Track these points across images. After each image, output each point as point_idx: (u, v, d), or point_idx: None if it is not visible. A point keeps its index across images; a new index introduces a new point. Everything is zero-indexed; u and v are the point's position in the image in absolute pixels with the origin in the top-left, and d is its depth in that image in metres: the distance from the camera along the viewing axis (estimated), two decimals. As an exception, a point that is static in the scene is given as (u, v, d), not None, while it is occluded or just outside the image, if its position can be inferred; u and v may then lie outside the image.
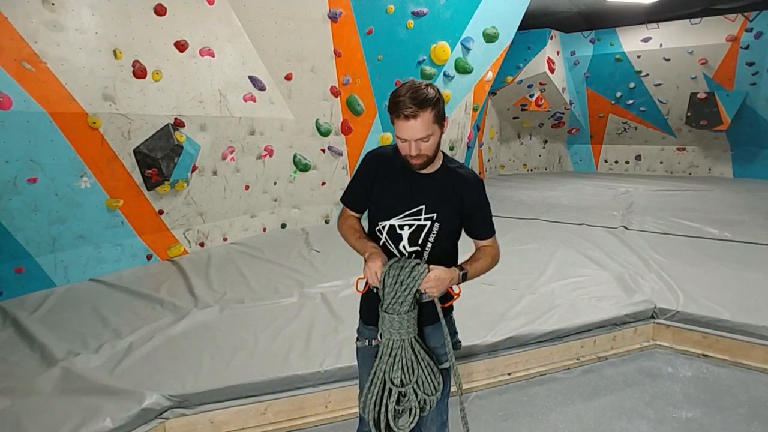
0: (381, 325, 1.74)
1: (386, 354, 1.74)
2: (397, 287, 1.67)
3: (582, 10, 10.24)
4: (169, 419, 2.53)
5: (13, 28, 3.69)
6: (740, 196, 8.54)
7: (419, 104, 1.58)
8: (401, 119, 1.60)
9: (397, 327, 1.70)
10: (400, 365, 1.74)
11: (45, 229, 4.07)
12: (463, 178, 1.78)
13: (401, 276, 1.66)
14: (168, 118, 4.76)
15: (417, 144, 1.64)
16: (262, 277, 4.43)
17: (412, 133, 1.61)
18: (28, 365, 2.86)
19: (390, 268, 1.67)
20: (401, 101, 1.59)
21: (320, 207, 6.65)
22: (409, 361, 1.74)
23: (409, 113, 1.58)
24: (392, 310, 1.70)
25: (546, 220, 6.78)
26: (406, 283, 1.66)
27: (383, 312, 1.72)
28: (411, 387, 1.75)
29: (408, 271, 1.66)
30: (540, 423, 2.77)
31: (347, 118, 6.45)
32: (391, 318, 1.70)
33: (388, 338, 1.73)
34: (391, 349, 1.73)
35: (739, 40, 9.92)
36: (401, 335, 1.71)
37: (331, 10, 5.96)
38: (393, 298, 1.68)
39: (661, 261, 4.74)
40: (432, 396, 1.77)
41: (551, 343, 3.35)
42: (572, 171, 13.28)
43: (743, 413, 2.83)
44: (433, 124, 1.63)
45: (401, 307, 1.69)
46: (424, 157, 1.68)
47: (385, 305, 1.71)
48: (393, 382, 1.74)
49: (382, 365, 1.75)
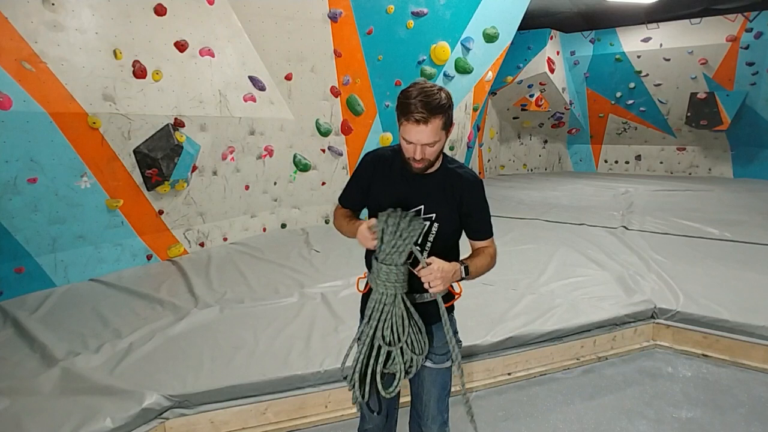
0: (375, 278, 1.69)
1: (377, 310, 1.69)
2: (397, 236, 1.62)
3: (582, 10, 10.23)
4: (169, 419, 2.54)
5: (13, 28, 3.69)
6: (740, 196, 8.54)
7: (432, 110, 1.55)
8: (411, 122, 1.58)
9: (393, 279, 1.65)
10: (391, 322, 1.69)
11: (45, 229, 4.07)
12: (462, 178, 1.77)
13: (401, 225, 1.62)
14: (168, 118, 4.76)
15: (422, 149, 1.63)
16: (262, 277, 4.43)
17: (420, 137, 1.60)
18: (29, 365, 2.87)
19: (389, 218, 1.63)
20: (413, 104, 1.56)
21: (320, 207, 6.66)
22: (399, 318, 1.69)
23: (420, 118, 1.55)
24: (390, 261, 1.65)
25: (546, 220, 6.78)
26: (406, 232, 1.61)
27: (379, 263, 1.67)
28: (401, 346, 1.70)
29: (407, 221, 1.62)
30: (540, 423, 2.77)
31: (347, 118, 6.45)
32: (389, 269, 1.65)
33: (383, 292, 1.67)
34: (383, 305, 1.69)
35: (739, 40, 9.93)
36: (396, 289, 1.67)
37: (331, 10, 5.96)
38: (393, 247, 1.63)
39: (661, 261, 4.74)
40: (419, 356, 1.74)
41: (551, 343, 3.35)
42: (572, 171, 13.28)
43: (743, 413, 2.83)
44: (441, 130, 1.62)
45: (399, 258, 1.64)
46: (426, 162, 1.68)
47: (383, 256, 1.66)
48: (384, 340, 1.70)
49: (372, 322, 1.70)
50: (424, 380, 1.88)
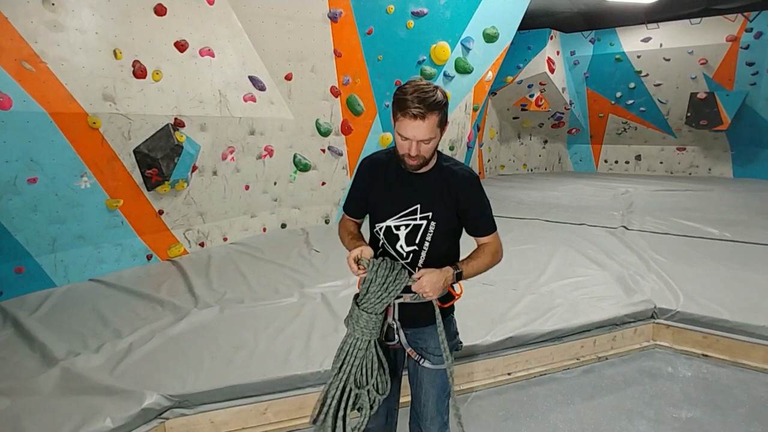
0: (354, 323, 1.74)
1: (351, 355, 1.75)
2: (384, 288, 1.68)
3: (582, 10, 10.23)
4: (169, 419, 2.53)
5: (13, 28, 3.69)
6: (740, 196, 8.54)
7: (429, 107, 1.56)
8: (407, 118, 1.58)
9: (371, 327, 1.71)
10: (362, 367, 1.75)
11: (45, 229, 4.07)
12: (458, 175, 1.77)
13: (389, 278, 1.68)
14: (168, 118, 4.76)
15: (418, 145, 1.63)
16: (262, 277, 4.43)
17: (415, 133, 1.60)
18: (29, 365, 2.86)
19: (379, 269, 1.68)
20: (409, 99, 1.56)
21: (320, 207, 6.66)
22: (371, 362, 1.75)
23: (417, 113, 1.56)
24: (372, 310, 1.71)
25: (546, 220, 6.78)
26: (392, 285, 1.68)
27: (360, 310, 1.72)
28: (368, 388, 1.76)
29: (395, 274, 1.68)
30: (540, 423, 2.77)
31: (347, 118, 6.45)
32: (369, 317, 1.71)
33: (359, 338, 1.73)
34: (357, 349, 1.74)
35: (739, 40, 9.93)
36: (371, 335, 1.72)
37: (331, 10, 5.96)
38: (378, 298, 1.69)
39: (661, 261, 4.74)
40: (382, 395, 1.78)
41: (551, 343, 3.35)
42: (572, 171, 13.28)
43: (743, 413, 2.83)
44: (436, 128, 1.63)
45: (380, 308, 1.71)
46: (421, 159, 1.68)
47: (367, 304, 1.71)
48: (356, 384, 1.75)
49: (346, 367, 1.75)
50: (423, 381, 1.88)
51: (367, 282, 1.70)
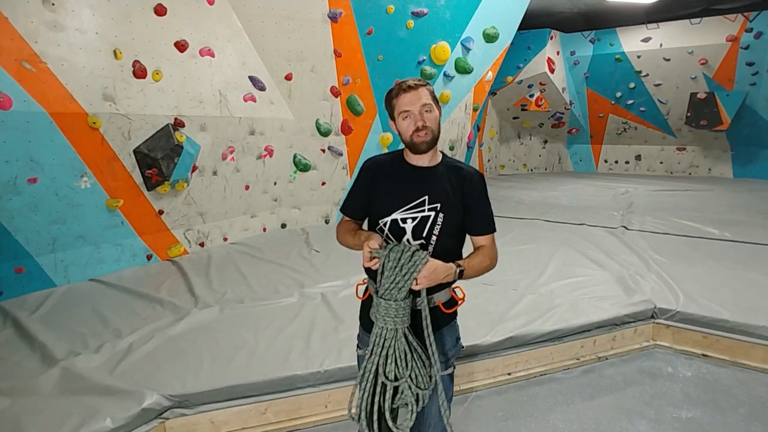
0: (375, 312, 1.66)
1: (378, 345, 1.65)
2: (397, 272, 1.58)
3: (582, 10, 10.23)
4: (169, 419, 2.53)
5: (13, 28, 3.69)
6: (740, 196, 8.54)
7: (419, 81, 1.73)
8: (402, 93, 1.70)
9: (392, 314, 1.62)
10: (393, 357, 1.65)
11: (45, 229, 4.07)
12: (464, 170, 1.80)
13: (402, 260, 1.58)
14: (168, 118, 4.76)
15: (422, 113, 1.69)
16: (262, 277, 4.43)
17: (414, 100, 1.68)
18: (29, 365, 2.86)
19: (390, 252, 1.59)
20: (399, 83, 1.73)
21: (320, 207, 6.66)
22: (402, 352, 1.65)
23: (409, 85, 1.70)
24: (389, 296, 1.61)
25: (546, 220, 6.78)
26: (407, 267, 1.58)
27: (379, 298, 1.63)
28: (405, 381, 1.66)
29: (409, 255, 1.58)
30: (540, 423, 2.77)
31: (347, 118, 6.45)
32: (388, 304, 1.61)
33: (382, 327, 1.64)
34: (384, 339, 1.64)
35: (739, 40, 9.93)
36: (396, 324, 1.63)
37: (331, 10, 5.96)
38: (392, 283, 1.60)
39: (661, 261, 4.74)
40: (425, 390, 1.69)
41: (551, 343, 3.35)
42: (572, 171, 13.28)
43: (743, 413, 2.83)
44: (431, 99, 1.72)
45: (399, 293, 1.61)
46: (430, 132, 1.70)
47: (382, 291, 1.62)
48: (387, 377, 1.66)
49: (373, 358, 1.65)
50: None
51: (380, 267, 1.61)
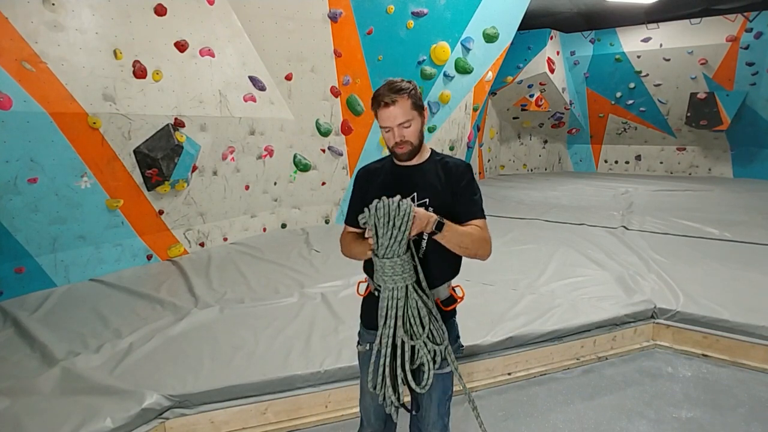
0: (381, 276, 1.62)
1: (392, 308, 1.62)
2: (392, 227, 1.56)
3: (582, 10, 10.24)
4: (170, 419, 2.53)
5: (13, 28, 3.69)
6: (740, 196, 8.54)
7: (395, 92, 1.72)
8: (381, 107, 1.73)
9: (399, 271, 1.59)
10: (409, 315, 1.62)
11: (45, 229, 4.07)
12: (449, 164, 1.83)
13: (391, 214, 1.56)
14: (168, 118, 4.76)
15: (399, 130, 1.73)
16: (263, 277, 4.43)
17: (392, 117, 1.71)
18: (29, 365, 2.87)
19: (377, 211, 1.57)
20: (380, 93, 1.73)
21: (320, 207, 6.66)
22: (415, 309, 1.62)
23: (388, 100, 1.71)
24: (392, 253, 1.59)
25: (546, 220, 6.78)
26: (399, 220, 1.55)
27: (381, 260, 1.60)
28: (423, 339, 1.63)
29: (395, 208, 1.56)
30: (540, 423, 2.77)
31: (347, 118, 6.45)
32: (393, 262, 1.59)
33: (392, 287, 1.60)
34: (396, 300, 1.61)
35: (739, 40, 9.93)
36: (405, 280, 1.60)
37: (331, 10, 5.96)
38: (391, 239, 1.57)
39: (661, 261, 4.74)
40: (441, 345, 1.68)
41: (551, 343, 3.35)
42: (572, 171, 13.28)
43: (743, 413, 2.83)
44: (411, 110, 1.73)
45: (400, 248, 1.58)
46: (408, 145, 1.74)
47: (383, 250, 1.59)
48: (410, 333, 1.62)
49: (389, 321, 1.62)
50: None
51: (373, 229, 1.59)
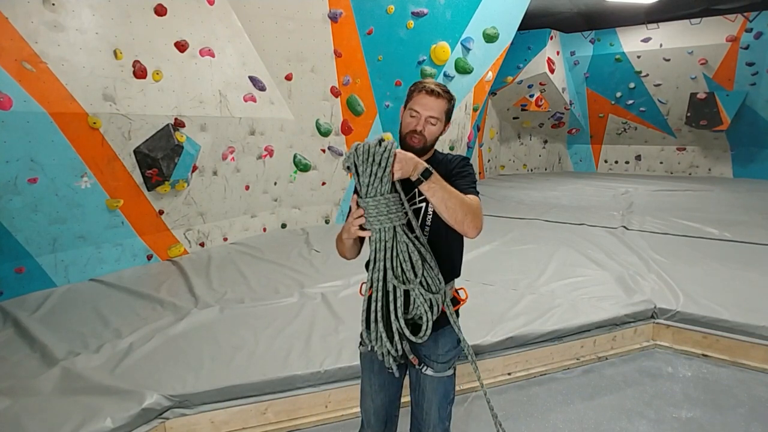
0: (367, 218, 1.54)
1: (380, 250, 1.55)
2: (372, 163, 1.49)
3: (582, 10, 10.24)
4: (170, 419, 2.53)
5: (13, 28, 3.69)
6: (740, 196, 8.54)
7: (444, 91, 1.76)
8: (423, 93, 1.73)
9: (384, 211, 1.52)
10: (399, 259, 1.55)
11: (45, 229, 4.07)
12: (448, 157, 1.85)
13: (371, 152, 1.49)
14: (168, 119, 4.76)
15: (426, 121, 1.73)
16: (263, 277, 4.43)
17: (428, 106, 1.72)
18: (29, 365, 2.86)
19: (357, 150, 1.51)
20: (427, 82, 1.75)
21: (320, 207, 6.66)
22: (405, 253, 1.55)
23: (434, 90, 1.73)
24: (374, 191, 1.51)
25: (546, 220, 6.78)
26: (379, 156, 1.48)
27: (365, 199, 1.53)
28: (418, 283, 1.56)
29: (376, 146, 1.49)
30: (540, 423, 2.77)
31: (347, 118, 6.45)
32: (376, 201, 1.51)
33: (379, 228, 1.53)
34: (384, 242, 1.54)
35: (739, 40, 9.93)
36: (392, 220, 1.53)
37: (332, 11, 5.97)
38: (372, 175, 1.49)
39: (661, 261, 4.74)
40: (437, 294, 1.61)
41: (551, 343, 3.35)
42: (572, 171, 13.29)
43: (743, 413, 2.83)
44: (443, 113, 1.76)
45: (382, 186, 1.51)
46: (423, 140, 1.74)
47: (365, 189, 1.51)
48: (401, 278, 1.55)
49: (379, 264, 1.55)
50: (425, 389, 1.86)
51: (353, 168, 1.52)
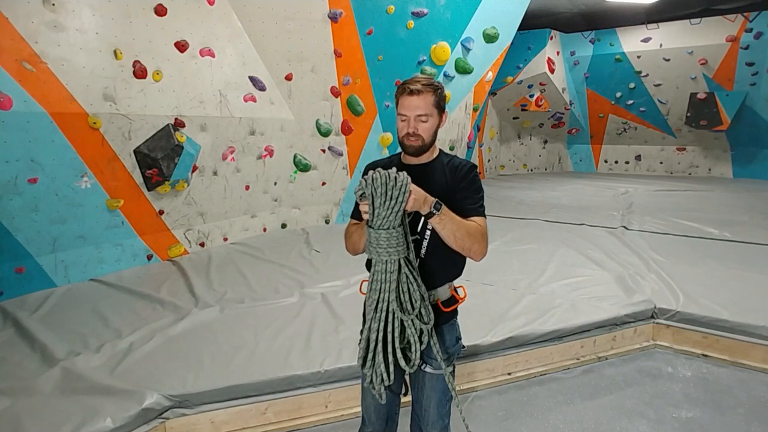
0: (375, 248, 1.59)
1: (386, 281, 1.60)
2: (388, 197, 1.54)
3: (582, 10, 10.24)
4: (170, 419, 2.54)
5: (13, 28, 3.69)
6: (740, 196, 8.54)
7: (424, 85, 1.71)
8: (405, 94, 1.71)
9: (394, 244, 1.58)
10: (399, 291, 1.62)
11: (45, 229, 4.07)
12: (455, 163, 1.82)
13: (388, 186, 1.53)
14: (168, 119, 4.77)
15: (416, 121, 1.71)
16: (263, 277, 4.43)
17: (413, 107, 1.69)
18: (29, 365, 2.87)
19: (374, 180, 1.54)
20: (407, 81, 1.73)
21: (320, 207, 6.66)
22: (405, 285, 1.62)
23: (414, 89, 1.69)
24: (387, 224, 1.57)
25: (546, 220, 6.78)
26: (396, 191, 1.53)
27: (377, 231, 1.58)
28: (415, 314, 1.62)
29: (393, 181, 1.53)
30: (540, 423, 2.77)
31: (347, 118, 6.45)
32: (389, 234, 1.56)
33: (386, 260, 1.58)
34: (389, 273, 1.60)
35: (738, 40, 9.93)
36: (398, 253, 1.59)
37: (332, 11, 5.97)
38: (387, 209, 1.54)
39: (661, 261, 4.74)
40: (427, 324, 1.67)
41: (551, 343, 3.35)
42: (572, 171, 13.29)
43: (743, 413, 2.83)
44: (432, 107, 1.71)
45: (396, 219, 1.57)
46: (420, 139, 1.72)
47: (380, 221, 1.56)
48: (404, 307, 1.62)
49: (384, 294, 1.61)
50: (424, 386, 1.87)
51: (369, 199, 1.56)
